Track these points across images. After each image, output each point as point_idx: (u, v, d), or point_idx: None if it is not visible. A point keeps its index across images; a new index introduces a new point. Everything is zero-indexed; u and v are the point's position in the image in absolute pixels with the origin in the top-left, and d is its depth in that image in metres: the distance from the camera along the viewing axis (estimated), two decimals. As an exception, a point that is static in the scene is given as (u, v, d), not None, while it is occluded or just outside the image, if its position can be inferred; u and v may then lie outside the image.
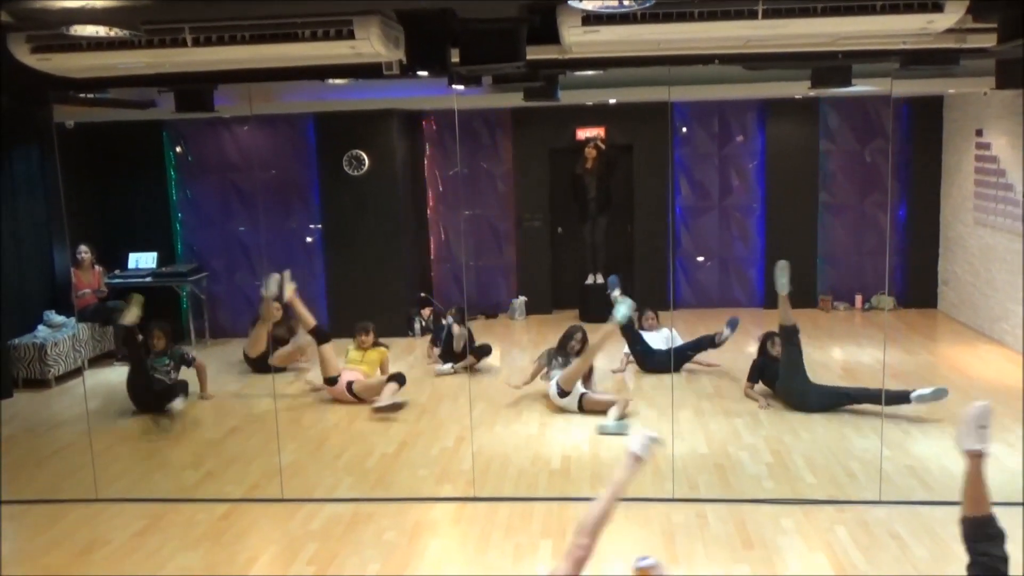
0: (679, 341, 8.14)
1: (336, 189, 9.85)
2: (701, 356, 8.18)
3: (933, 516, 5.02)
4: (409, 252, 10.13)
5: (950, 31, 4.13)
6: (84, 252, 8.89)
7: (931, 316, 10.21)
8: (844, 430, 6.46)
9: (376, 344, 7.91)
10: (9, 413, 7.64)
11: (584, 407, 6.97)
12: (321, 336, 7.57)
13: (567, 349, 7.32)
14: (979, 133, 9.23)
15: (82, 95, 6.82)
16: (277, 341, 8.26)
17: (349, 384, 7.48)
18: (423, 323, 9.99)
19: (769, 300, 10.58)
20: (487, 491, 5.59)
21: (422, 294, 10.48)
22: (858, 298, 10.59)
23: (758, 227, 10.74)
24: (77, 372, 8.46)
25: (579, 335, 7.35)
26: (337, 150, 9.77)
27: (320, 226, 10.09)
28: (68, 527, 5.27)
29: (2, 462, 6.49)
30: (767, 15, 3.83)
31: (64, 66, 4.48)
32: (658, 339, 8.24)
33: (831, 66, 5.79)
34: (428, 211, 10.85)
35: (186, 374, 7.73)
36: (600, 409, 6.83)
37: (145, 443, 6.80)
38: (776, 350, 7.10)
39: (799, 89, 8.04)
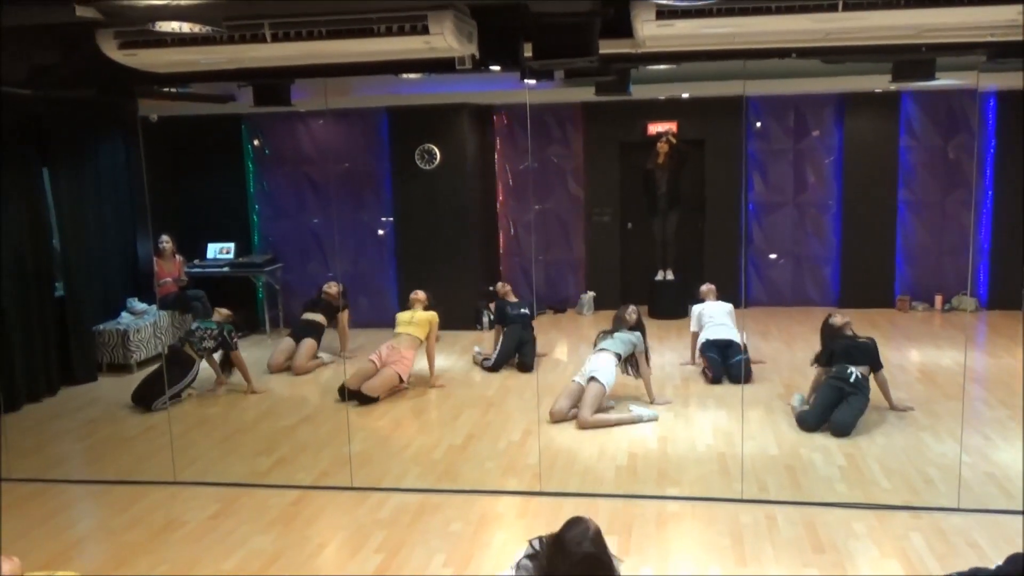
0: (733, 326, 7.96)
1: (408, 182, 9.96)
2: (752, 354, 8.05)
3: (1014, 526, 4.84)
4: (478, 246, 10.18)
5: (1042, 22, 3.97)
6: (166, 242, 9.17)
7: (1015, 318, 9.83)
8: (921, 434, 6.28)
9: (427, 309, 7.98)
10: (93, 396, 7.94)
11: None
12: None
13: (624, 319, 7.25)
14: (1071, 129, 8.85)
15: (165, 89, 7.04)
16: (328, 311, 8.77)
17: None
18: (491, 317, 10.04)
19: (844, 299, 10.37)
20: (553, 486, 5.59)
21: (490, 288, 10.52)
22: (938, 299, 10.27)
23: (834, 224, 10.50)
24: (158, 358, 8.74)
25: (631, 309, 7.35)
26: (409, 144, 9.87)
27: (392, 219, 10.21)
28: (147, 507, 5.46)
29: (86, 444, 6.76)
30: (848, 7, 3.74)
31: (149, 61, 4.63)
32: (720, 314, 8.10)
33: (914, 59, 5.62)
34: (498, 205, 10.89)
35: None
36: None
37: (220, 428, 6.99)
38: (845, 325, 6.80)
39: (880, 83, 7.83)
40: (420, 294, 8.06)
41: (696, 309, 8.26)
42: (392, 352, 7.63)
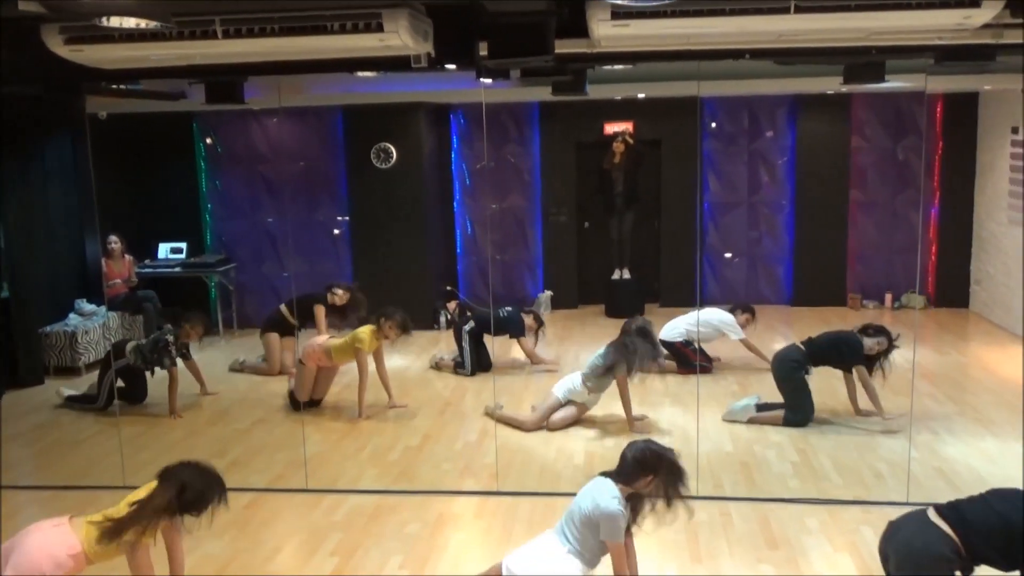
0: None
1: (364, 181, 9.88)
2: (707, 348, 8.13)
3: (962, 519, 4.94)
4: (435, 245, 10.15)
5: (987, 27, 4.05)
6: (114, 242, 8.98)
7: (962, 316, 10.07)
8: (871, 430, 6.39)
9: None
10: (40, 399, 7.75)
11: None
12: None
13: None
14: (1015, 131, 9.07)
15: (114, 86, 6.89)
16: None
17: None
18: (448, 316, 10.01)
19: (797, 298, 10.52)
20: (510, 485, 5.59)
21: (447, 287, 10.50)
22: (888, 296, 10.47)
23: (787, 224, 10.65)
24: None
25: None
26: (365, 143, 9.80)
27: (347, 218, 10.13)
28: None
29: (33, 449, 6.60)
30: (800, 10, 3.78)
31: (96, 57, 4.52)
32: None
33: (864, 62, 5.71)
34: (455, 204, 10.86)
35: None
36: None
37: (172, 431, 6.87)
38: None
39: (831, 85, 7.94)
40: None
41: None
42: (318, 353, 7.10)
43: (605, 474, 3.94)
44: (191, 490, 3.73)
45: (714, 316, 7.96)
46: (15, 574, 3.53)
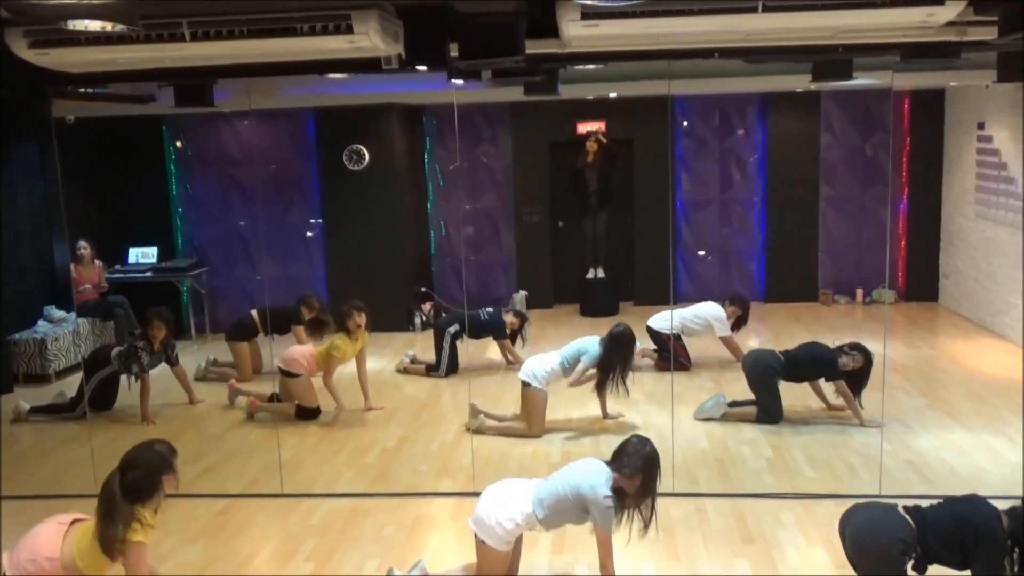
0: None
1: (336, 183, 9.84)
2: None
3: (933, 510, 5.00)
4: (409, 246, 10.12)
5: (951, 24, 4.11)
6: (84, 247, 8.87)
7: (932, 310, 10.20)
8: (844, 424, 6.46)
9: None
10: (8, 408, 7.64)
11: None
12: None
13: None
14: (980, 126, 9.20)
15: (81, 90, 6.80)
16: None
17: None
18: (423, 318, 9.99)
19: (770, 294, 10.61)
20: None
21: (422, 288, 10.47)
22: (859, 292, 10.58)
23: (759, 220, 10.73)
24: (77, 367, 8.46)
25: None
26: (337, 144, 9.76)
27: (320, 220, 10.08)
28: (68, 522, 5.26)
29: (3, 457, 6.49)
30: (767, 9, 3.81)
31: (62, 61, 4.47)
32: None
33: (832, 59, 5.78)
34: (428, 205, 10.84)
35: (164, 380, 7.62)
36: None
37: (144, 438, 6.78)
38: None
39: (800, 82, 8.01)
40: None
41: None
42: (311, 363, 7.12)
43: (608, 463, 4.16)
44: (133, 466, 3.69)
45: (708, 310, 8.05)
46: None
